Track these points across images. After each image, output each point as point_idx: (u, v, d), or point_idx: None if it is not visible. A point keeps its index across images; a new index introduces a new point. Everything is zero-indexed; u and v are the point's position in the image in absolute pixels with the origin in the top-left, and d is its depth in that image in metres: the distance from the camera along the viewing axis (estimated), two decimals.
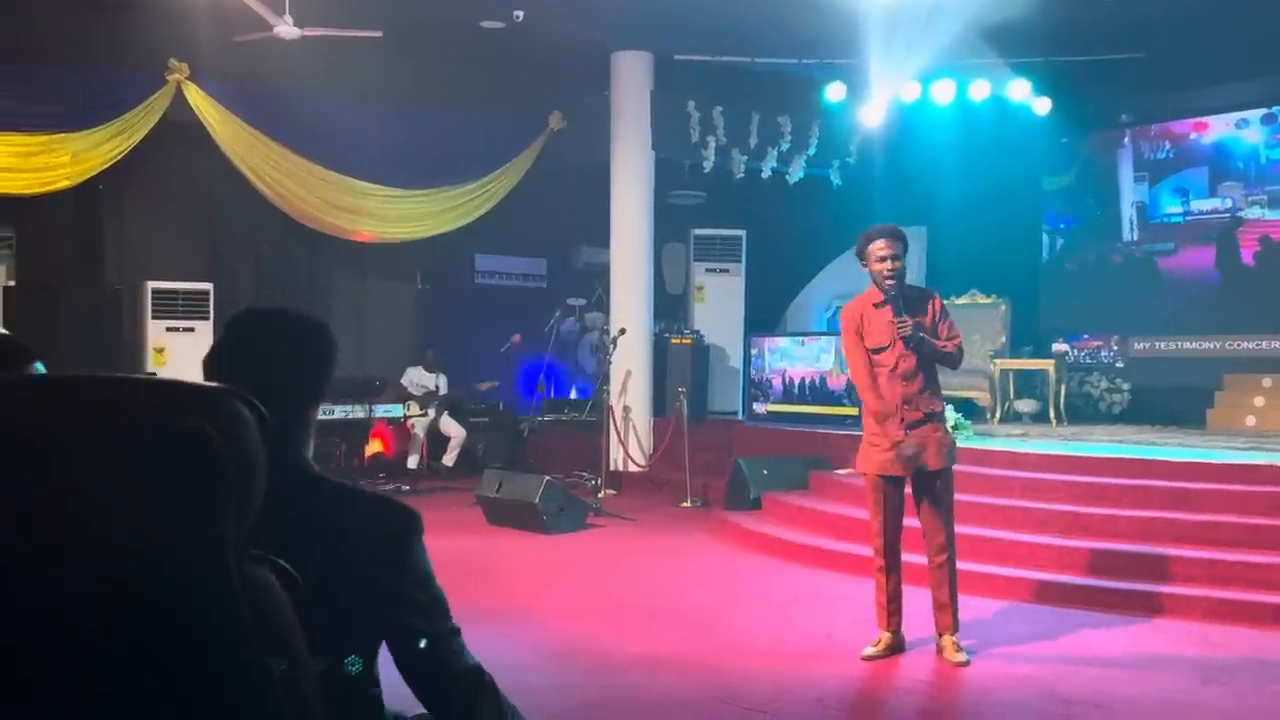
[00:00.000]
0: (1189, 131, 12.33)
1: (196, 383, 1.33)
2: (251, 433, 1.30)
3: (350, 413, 10.86)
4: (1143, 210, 12.63)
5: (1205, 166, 12.21)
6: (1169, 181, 12.45)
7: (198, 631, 1.25)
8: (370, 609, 1.89)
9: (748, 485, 9.20)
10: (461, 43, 11.04)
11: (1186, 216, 12.31)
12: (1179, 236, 12.36)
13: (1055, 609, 6.20)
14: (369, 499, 2.02)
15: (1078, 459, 7.98)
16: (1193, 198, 12.27)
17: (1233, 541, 6.57)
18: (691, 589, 6.92)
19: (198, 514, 1.24)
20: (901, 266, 5.29)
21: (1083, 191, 13.12)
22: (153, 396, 1.29)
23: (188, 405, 1.27)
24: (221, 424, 1.26)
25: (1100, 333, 12.71)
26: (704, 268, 13.03)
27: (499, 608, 6.27)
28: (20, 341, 2.41)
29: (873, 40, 10.28)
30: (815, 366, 11.01)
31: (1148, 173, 12.61)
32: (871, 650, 5.32)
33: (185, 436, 1.23)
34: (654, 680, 4.95)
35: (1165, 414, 11.39)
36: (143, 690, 1.24)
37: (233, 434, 1.27)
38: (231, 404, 1.29)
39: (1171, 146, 12.47)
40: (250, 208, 11.22)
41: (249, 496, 1.28)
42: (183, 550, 1.24)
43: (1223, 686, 4.86)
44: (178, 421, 1.24)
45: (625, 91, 11.78)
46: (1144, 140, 12.64)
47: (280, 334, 2.03)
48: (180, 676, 1.25)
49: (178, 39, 9.94)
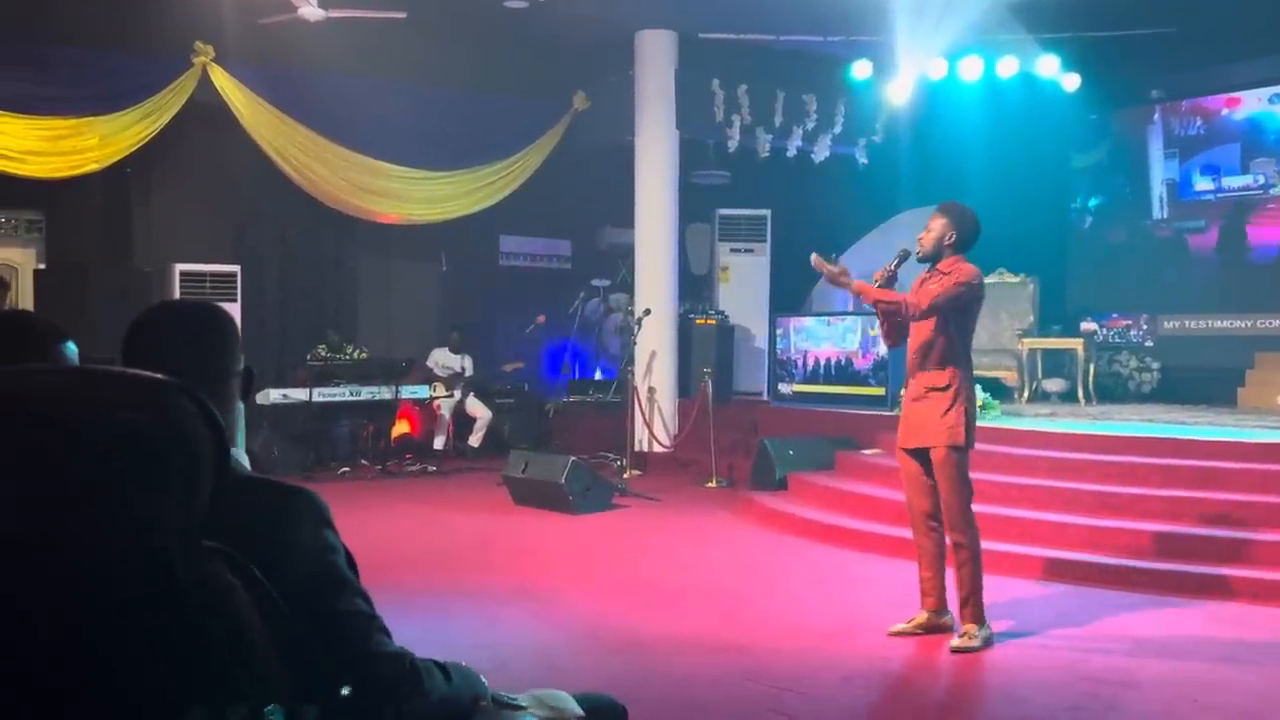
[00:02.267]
0: (1220, 108, 12.17)
1: (138, 374, 1.31)
2: (196, 425, 1.28)
3: (377, 394, 10.91)
4: (1173, 187, 12.49)
5: (1237, 143, 12.05)
6: (1199, 158, 12.31)
7: (142, 628, 1.24)
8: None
9: (773, 465, 9.18)
10: (485, 23, 11.02)
11: (1218, 194, 12.17)
12: (1210, 214, 12.22)
13: (1083, 588, 6.17)
14: (255, 485, 1.84)
15: (1106, 438, 7.92)
16: (1224, 174, 12.12)
17: (1263, 521, 6.51)
18: (717, 569, 6.92)
19: (136, 509, 1.22)
20: (932, 237, 5.37)
21: (1112, 169, 13.00)
22: (91, 390, 1.28)
23: (130, 397, 1.25)
24: (163, 417, 1.25)
25: (1129, 312, 12.60)
26: (729, 248, 12.98)
27: (525, 587, 6.30)
28: (50, 322, 2.43)
29: (899, 17, 10.19)
30: (841, 347, 10.96)
31: (1178, 149, 12.47)
32: (899, 626, 5.31)
33: (122, 430, 1.22)
34: (681, 659, 4.96)
35: (1196, 393, 11.29)
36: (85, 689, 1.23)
37: (175, 427, 1.25)
38: (173, 396, 1.28)
39: (1203, 123, 12.32)
40: (276, 190, 11.26)
41: (195, 490, 1.27)
42: (121, 546, 1.23)
43: (1252, 666, 4.82)
44: (116, 415, 1.23)
45: (649, 71, 11.72)
46: (1174, 116, 12.49)
47: (169, 324, 1.99)
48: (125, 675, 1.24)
49: (203, 22, 9.97)
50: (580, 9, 10.54)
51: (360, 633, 1.77)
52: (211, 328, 1.99)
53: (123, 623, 1.24)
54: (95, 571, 1.23)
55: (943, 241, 5.31)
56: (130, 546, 1.23)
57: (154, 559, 1.24)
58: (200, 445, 1.28)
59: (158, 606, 1.25)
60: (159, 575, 1.24)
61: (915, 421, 5.22)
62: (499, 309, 13.13)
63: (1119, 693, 4.47)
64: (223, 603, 1.33)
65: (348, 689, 1.71)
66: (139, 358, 1.87)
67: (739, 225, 12.97)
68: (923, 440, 5.17)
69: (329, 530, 1.83)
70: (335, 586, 1.78)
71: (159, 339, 1.94)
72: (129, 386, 1.28)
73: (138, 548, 1.23)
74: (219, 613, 1.31)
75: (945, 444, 5.09)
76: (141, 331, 1.95)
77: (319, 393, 10.53)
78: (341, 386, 10.78)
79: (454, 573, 6.63)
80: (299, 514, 1.80)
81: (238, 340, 2.02)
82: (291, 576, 1.67)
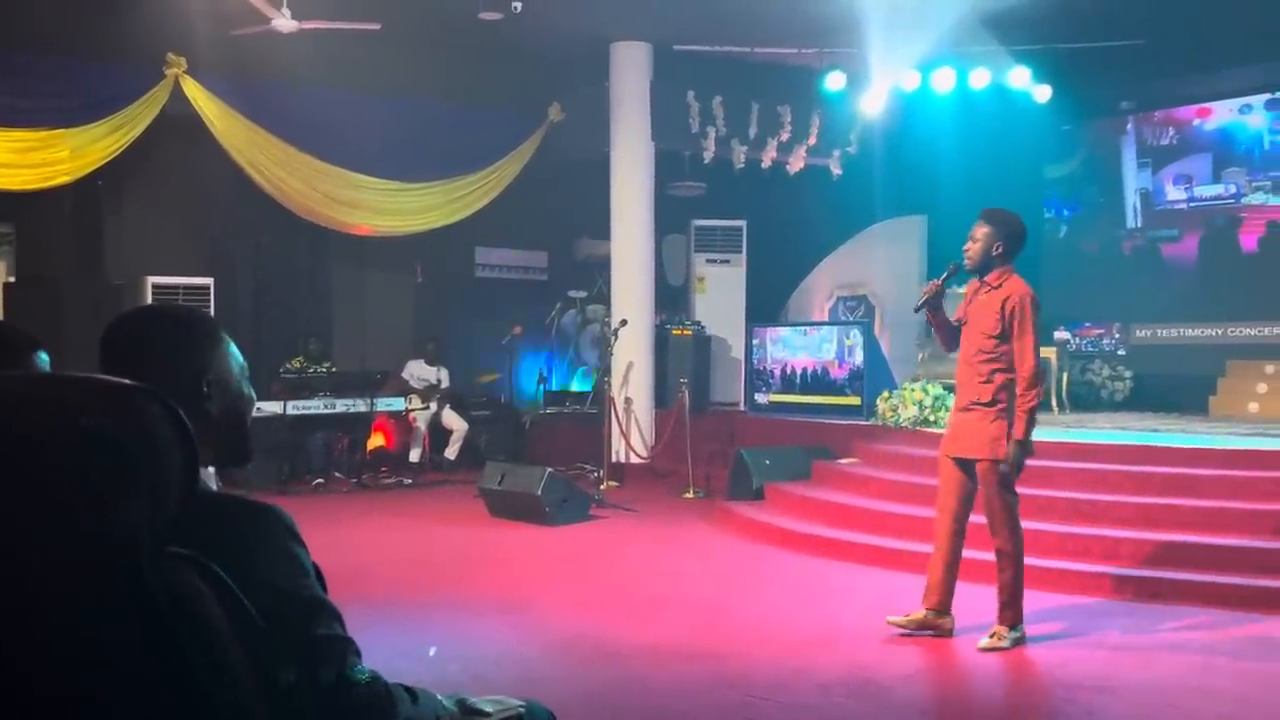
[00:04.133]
0: (1192, 118, 12.29)
1: (106, 379, 1.30)
2: (164, 429, 1.26)
3: (352, 406, 10.84)
4: (1147, 197, 12.60)
5: (1209, 153, 12.17)
6: (1172, 168, 12.41)
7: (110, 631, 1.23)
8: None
9: (750, 475, 9.19)
10: (460, 34, 11.00)
11: (1190, 203, 12.28)
12: (1182, 223, 12.33)
13: (1058, 595, 6.20)
14: (222, 502, 1.77)
15: (1080, 445, 7.96)
16: (1196, 184, 12.23)
17: (1236, 527, 6.56)
18: (694, 579, 6.91)
19: (104, 516, 1.21)
20: (979, 247, 5.29)
21: (1085, 179, 13.09)
22: (58, 394, 1.26)
23: (95, 403, 1.24)
24: (131, 421, 1.23)
25: (1102, 320, 12.69)
26: (705, 259, 13.01)
27: (502, 599, 6.27)
28: (26, 332, 2.40)
29: (872, 28, 10.24)
30: (818, 356, 10.98)
31: (1151, 159, 12.57)
32: (896, 618, 5.40)
33: (90, 435, 1.21)
34: (658, 670, 4.94)
35: (1168, 401, 11.38)
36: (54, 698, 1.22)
37: (143, 432, 1.24)
38: (142, 401, 1.26)
39: (1175, 133, 12.43)
40: (249, 202, 11.20)
41: (163, 495, 1.26)
42: (89, 553, 1.21)
43: (1226, 671, 4.85)
44: (84, 420, 1.21)
45: (625, 82, 11.74)
46: (1147, 126, 12.61)
47: (143, 327, 1.92)
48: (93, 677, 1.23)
49: (176, 32, 9.90)
50: (554, 21, 10.54)
51: (336, 658, 1.72)
52: (187, 333, 1.91)
53: (91, 630, 1.22)
54: (63, 579, 1.22)
55: (990, 251, 5.28)
56: (99, 553, 1.22)
57: (123, 566, 1.22)
58: (169, 451, 1.27)
59: (127, 614, 1.23)
60: (128, 582, 1.23)
61: (965, 432, 5.23)
62: (475, 321, 13.09)
63: (1096, 699, 4.49)
64: (193, 610, 1.31)
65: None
66: (112, 361, 1.83)
67: (715, 236, 13.00)
68: (968, 450, 5.21)
69: (299, 547, 1.77)
70: (308, 608, 1.72)
71: (132, 343, 1.87)
72: (97, 392, 1.27)
73: (106, 555, 1.22)
74: (189, 620, 1.30)
75: (985, 457, 5.14)
76: (116, 335, 1.88)
77: (293, 405, 10.45)
78: (316, 399, 10.71)
79: (430, 585, 6.59)
80: (269, 532, 1.74)
81: (217, 346, 1.92)
82: (261, 596, 1.62)
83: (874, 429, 9.60)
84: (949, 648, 5.31)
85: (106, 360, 1.85)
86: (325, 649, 1.71)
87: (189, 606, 1.30)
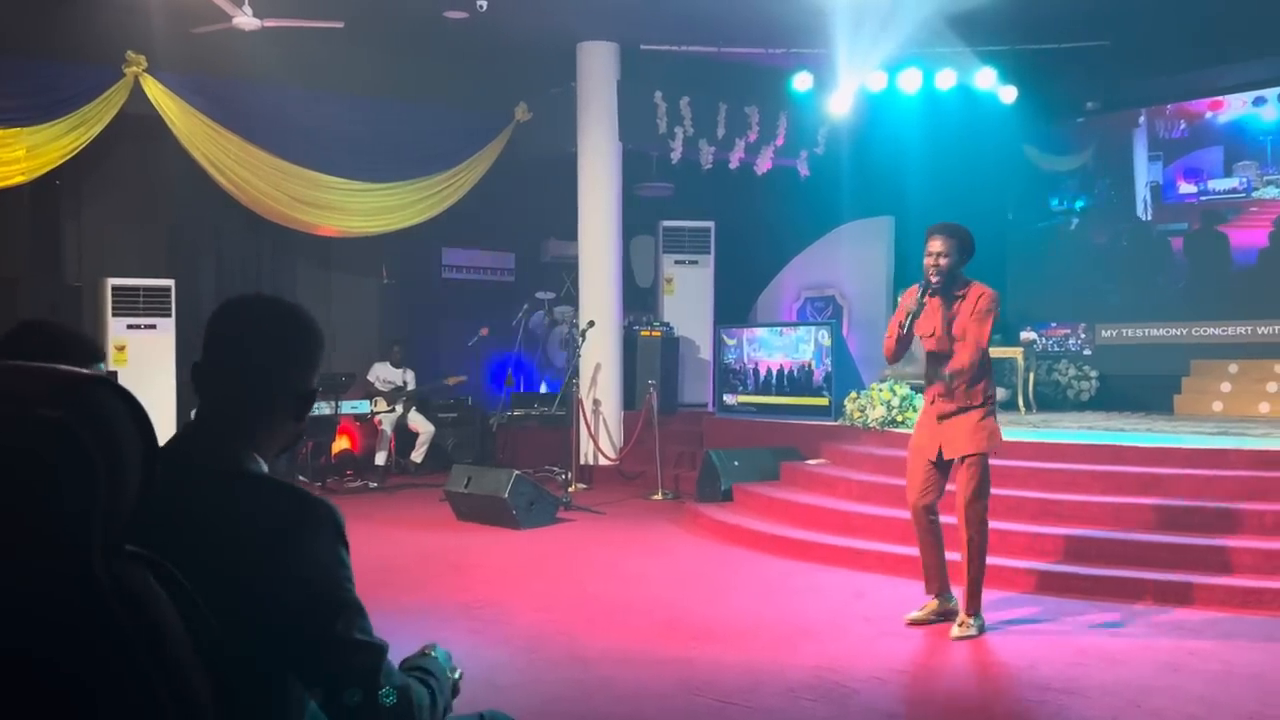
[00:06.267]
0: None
1: (64, 370, 1.26)
2: (123, 424, 1.23)
3: (316, 409, 10.71)
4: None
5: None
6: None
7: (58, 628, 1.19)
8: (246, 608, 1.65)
9: (719, 477, 9.15)
10: (424, 33, 10.91)
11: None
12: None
13: (1027, 595, 6.20)
14: (269, 488, 1.79)
15: (1048, 445, 7.97)
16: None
17: (1202, 526, 6.59)
18: (662, 581, 6.86)
19: (55, 507, 1.18)
20: (950, 261, 5.45)
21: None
22: (12, 385, 1.22)
23: (49, 395, 1.20)
24: (86, 414, 1.19)
25: (1068, 321, 12.74)
26: (673, 259, 12.97)
27: (469, 603, 6.20)
28: (91, 341, 2.45)
29: (839, 29, 10.24)
30: (794, 357, 10.93)
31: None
32: (914, 614, 5.66)
33: (46, 427, 1.17)
34: (626, 673, 4.89)
35: (1133, 401, 11.45)
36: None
37: (100, 425, 1.20)
38: (99, 394, 1.23)
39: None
40: (211, 202, 11.05)
41: (119, 490, 1.22)
42: (38, 548, 1.18)
43: (1197, 672, 4.85)
44: (37, 411, 1.18)
45: (591, 82, 11.69)
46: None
47: (244, 320, 1.91)
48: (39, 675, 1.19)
49: (135, 30, 9.77)
50: (521, 20, 10.47)
51: (366, 674, 1.73)
52: (295, 336, 1.90)
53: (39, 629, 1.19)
54: (11, 574, 1.18)
55: (955, 265, 5.49)
56: (48, 549, 1.18)
57: (73, 562, 1.19)
58: (128, 445, 1.23)
59: (75, 610, 1.20)
60: (77, 579, 1.19)
61: (950, 435, 5.45)
62: (441, 322, 12.99)
63: (1065, 700, 4.47)
64: (144, 609, 1.27)
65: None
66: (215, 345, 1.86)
67: (683, 237, 12.96)
68: (960, 450, 5.43)
69: (344, 549, 1.79)
70: (343, 609, 1.74)
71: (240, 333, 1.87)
72: (55, 383, 1.23)
73: (55, 550, 1.18)
74: (139, 619, 1.26)
75: (976, 451, 5.40)
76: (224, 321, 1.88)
77: None
78: None
79: (395, 590, 6.50)
80: (318, 527, 1.75)
81: (315, 357, 1.93)
82: (296, 589, 1.69)
83: (842, 430, 9.59)
84: (918, 648, 5.29)
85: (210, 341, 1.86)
86: (355, 657, 1.73)
87: (139, 604, 1.27)
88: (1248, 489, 6.84)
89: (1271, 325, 11.27)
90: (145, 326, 10.34)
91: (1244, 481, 6.92)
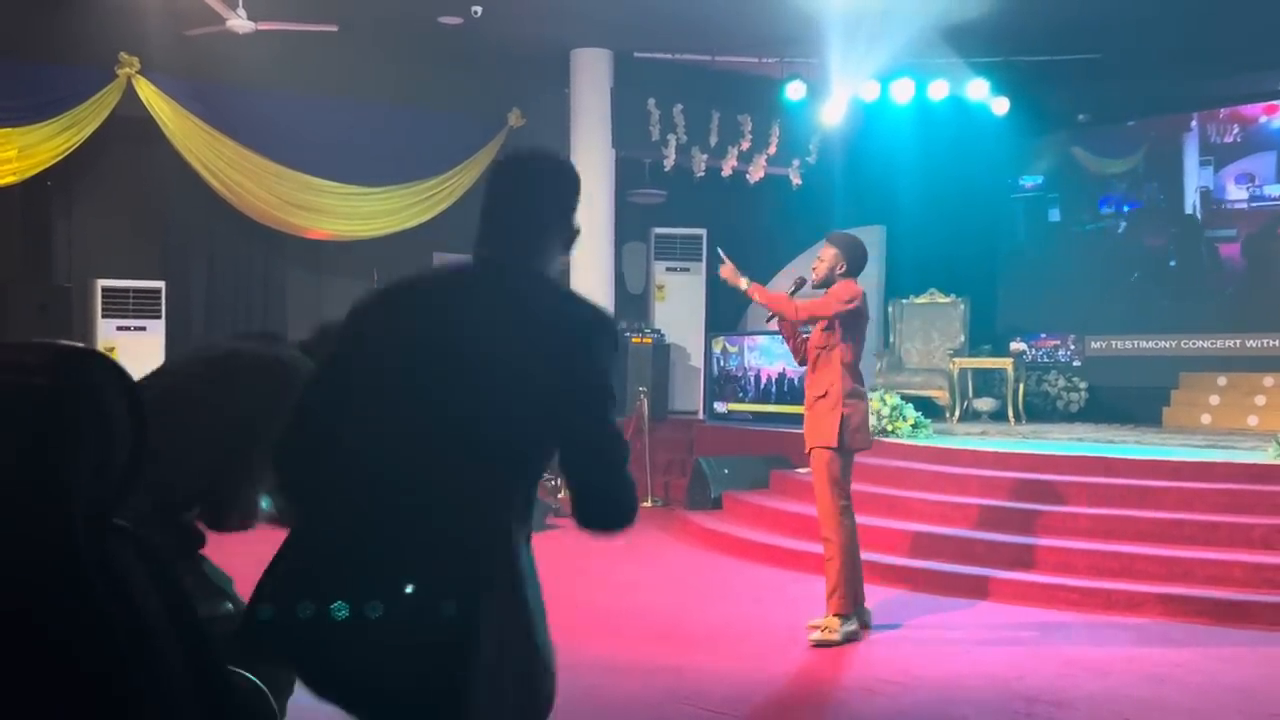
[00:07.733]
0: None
1: (54, 343, 1.27)
2: (111, 396, 1.23)
3: None
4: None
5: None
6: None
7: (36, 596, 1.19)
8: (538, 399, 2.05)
9: (709, 484, 9.16)
10: (419, 38, 10.91)
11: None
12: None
13: (1016, 607, 6.21)
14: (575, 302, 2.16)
15: (1037, 457, 7.99)
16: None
17: (1191, 539, 6.61)
18: (651, 589, 6.86)
19: (37, 476, 1.17)
20: (825, 266, 5.84)
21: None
22: (19, 357, 1.22)
23: (41, 365, 1.20)
24: (76, 385, 1.19)
25: (1058, 332, 12.77)
26: (665, 266, 12.97)
27: None
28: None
29: (832, 39, 10.26)
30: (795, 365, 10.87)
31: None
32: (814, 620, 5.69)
33: (36, 394, 1.17)
34: (614, 682, 4.88)
35: (1122, 413, 11.48)
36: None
37: (89, 396, 1.20)
38: (90, 366, 1.23)
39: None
40: (203, 205, 11.02)
41: (107, 463, 1.22)
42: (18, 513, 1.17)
43: (1186, 684, 4.87)
44: (27, 380, 1.18)
45: (585, 89, 11.69)
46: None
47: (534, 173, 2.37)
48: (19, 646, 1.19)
49: (129, 32, 9.73)
50: (515, 26, 10.48)
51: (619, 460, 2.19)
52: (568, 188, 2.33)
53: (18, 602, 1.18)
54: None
55: (835, 270, 5.78)
56: (30, 515, 1.18)
57: (57, 534, 1.18)
58: (115, 417, 1.23)
59: (57, 583, 1.19)
60: (60, 551, 1.18)
61: (806, 426, 5.70)
62: None
63: (1053, 713, 4.48)
64: (123, 584, 1.27)
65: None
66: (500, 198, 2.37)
67: (675, 244, 12.97)
68: (809, 442, 5.64)
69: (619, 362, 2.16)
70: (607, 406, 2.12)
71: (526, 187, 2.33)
72: (44, 354, 1.23)
73: (38, 516, 1.18)
74: (118, 593, 1.26)
75: (817, 444, 5.57)
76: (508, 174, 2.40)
77: None
78: None
79: None
80: (610, 333, 2.14)
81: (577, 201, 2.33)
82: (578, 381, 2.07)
83: None
84: (908, 658, 5.29)
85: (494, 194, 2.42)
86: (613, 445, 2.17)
87: (118, 581, 1.27)
88: (1235, 502, 6.88)
89: (1260, 339, 11.32)
90: (135, 328, 10.31)
91: (1232, 494, 6.96)
